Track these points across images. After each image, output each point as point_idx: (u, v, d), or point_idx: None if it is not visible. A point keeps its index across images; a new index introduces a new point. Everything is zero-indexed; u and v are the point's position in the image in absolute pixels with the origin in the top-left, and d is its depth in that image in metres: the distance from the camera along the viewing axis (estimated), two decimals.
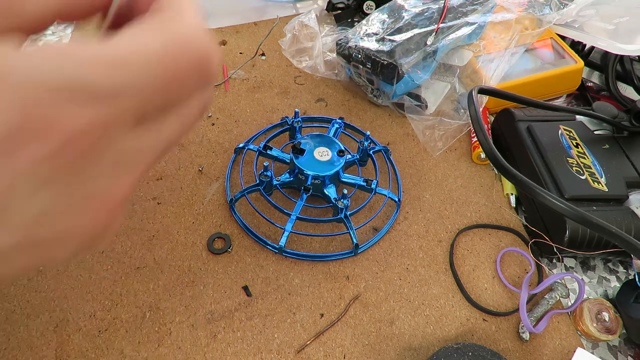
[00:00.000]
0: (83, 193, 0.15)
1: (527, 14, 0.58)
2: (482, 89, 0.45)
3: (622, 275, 0.47)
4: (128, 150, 0.15)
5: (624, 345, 0.42)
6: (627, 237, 0.32)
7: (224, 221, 0.46)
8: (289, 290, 0.42)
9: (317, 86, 0.61)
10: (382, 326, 0.40)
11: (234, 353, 0.38)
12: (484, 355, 0.37)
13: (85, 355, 0.36)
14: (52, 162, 0.13)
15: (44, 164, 0.13)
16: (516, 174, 0.36)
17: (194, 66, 0.16)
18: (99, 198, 0.15)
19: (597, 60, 0.63)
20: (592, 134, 0.51)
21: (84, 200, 0.15)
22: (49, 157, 0.13)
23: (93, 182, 0.15)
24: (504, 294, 0.44)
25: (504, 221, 0.49)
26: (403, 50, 0.53)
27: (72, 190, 0.14)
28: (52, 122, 0.13)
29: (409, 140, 0.56)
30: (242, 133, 0.54)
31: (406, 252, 0.46)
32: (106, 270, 0.41)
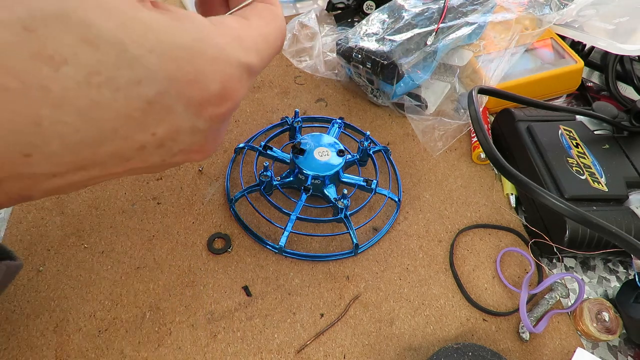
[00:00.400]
0: (212, 137, 0.21)
1: (527, 14, 0.58)
2: (482, 89, 0.45)
3: (622, 275, 0.47)
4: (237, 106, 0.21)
5: (624, 345, 0.42)
6: (627, 237, 0.32)
7: (224, 221, 0.46)
8: (289, 290, 0.42)
9: (317, 86, 0.61)
10: (382, 326, 0.40)
11: (234, 353, 0.38)
12: (484, 355, 0.37)
13: (85, 355, 0.36)
14: (216, 119, 0.20)
15: (211, 120, 0.20)
16: (516, 174, 0.36)
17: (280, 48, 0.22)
18: (217, 139, 0.22)
19: (597, 60, 0.63)
20: (592, 134, 0.51)
21: (210, 141, 0.21)
22: (217, 116, 0.20)
23: (219, 131, 0.21)
24: (504, 294, 0.44)
25: (504, 221, 0.49)
26: (403, 50, 0.53)
27: (209, 136, 0.21)
28: (233, 93, 0.19)
29: (409, 140, 0.56)
30: (242, 133, 0.54)
31: (406, 252, 0.46)
32: (106, 270, 0.41)
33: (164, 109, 0.18)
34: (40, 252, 0.41)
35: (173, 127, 0.19)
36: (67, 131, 0.16)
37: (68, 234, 0.43)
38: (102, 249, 0.42)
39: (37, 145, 0.16)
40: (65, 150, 0.17)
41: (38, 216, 0.44)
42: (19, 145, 0.16)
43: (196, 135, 0.20)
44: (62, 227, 0.43)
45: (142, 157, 0.19)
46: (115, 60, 0.16)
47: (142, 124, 0.18)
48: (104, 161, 0.19)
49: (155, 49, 0.17)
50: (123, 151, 0.19)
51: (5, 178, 0.17)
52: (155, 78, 0.17)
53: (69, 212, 0.45)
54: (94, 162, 0.19)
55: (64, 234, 0.43)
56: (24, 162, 0.17)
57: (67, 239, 0.43)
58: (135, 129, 0.18)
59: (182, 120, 0.19)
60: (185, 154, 0.21)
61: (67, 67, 0.15)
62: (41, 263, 0.41)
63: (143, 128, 0.18)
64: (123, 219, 0.45)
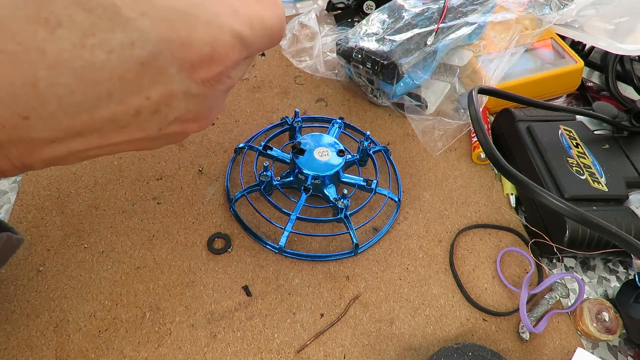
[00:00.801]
0: (207, 105, 0.22)
1: (527, 14, 0.58)
2: (482, 89, 0.45)
3: (622, 275, 0.47)
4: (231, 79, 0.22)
5: (624, 345, 0.42)
6: (627, 237, 0.32)
7: (224, 221, 0.46)
8: (289, 290, 0.42)
9: (317, 86, 0.61)
10: (382, 326, 0.40)
11: (234, 353, 0.38)
12: (484, 355, 0.37)
13: (85, 355, 0.36)
14: (207, 83, 0.20)
15: (203, 84, 0.20)
16: (516, 174, 0.36)
17: (278, 36, 0.23)
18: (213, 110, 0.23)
19: (597, 60, 0.64)
20: (592, 134, 0.51)
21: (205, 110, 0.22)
22: (208, 79, 0.20)
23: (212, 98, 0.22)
24: (504, 294, 0.44)
25: (504, 221, 0.49)
26: (403, 50, 0.53)
27: (203, 103, 0.21)
28: (223, 57, 0.20)
29: (409, 140, 0.56)
30: (242, 133, 0.54)
31: (406, 252, 0.46)
32: (106, 270, 0.41)
33: (157, 71, 0.18)
34: (40, 252, 0.41)
35: (166, 89, 0.19)
36: (63, 92, 0.17)
37: (68, 234, 0.43)
38: (102, 249, 0.42)
39: (34, 107, 0.17)
40: (62, 113, 0.18)
41: (38, 216, 0.44)
42: (17, 107, 0.17)
43: (190, 102, 0.21)
44: (62, 227, 0.43)
45: (138, 124, 0.20)
46: (109, 22, 0.16)
47: (136, 86, 0.18)
48: (100, 127, 0.19)
49: (149, 12, 0.17)
50: (119, 116, 0.19)
51: (6, 142, 0.18)
52: (148, 40, 0.17)
53: (69, 212, 0.45)
54: (91, 127, 0.19)
55: (64, 234, 0.43)
56: (23, 124, 0.17)
57: (67, 239, 0.43)
58: (129, 91, 0.18)
59: (175, 81, 0.19)
60: (181, 123, 0.22)
61: (62, 30, 0.16)
62: (41, 263, 0.41)
63: (137, 90, 0.18)
64: (123, 219, 0.45)
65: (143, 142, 0.22)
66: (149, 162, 0.50)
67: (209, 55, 0.19)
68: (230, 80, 0.22)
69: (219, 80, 0.21)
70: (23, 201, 0.45)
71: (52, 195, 0.46)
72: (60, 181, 0.47)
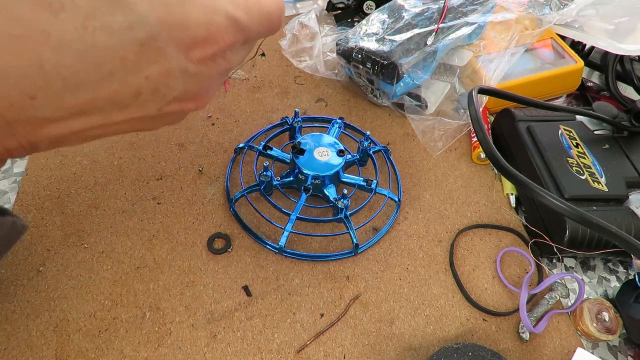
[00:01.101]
0: (203, 86, 0.23)
1: (527, 14, 0.58)
2: (482, 89, 0.45)
3: (622, 275, 0.47)
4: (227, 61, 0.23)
5: (624, 345, 0.42)
6: (627, 237, 0.32)
7: (224, 221, 0.46)
8: (289, 290, 0.42)
9: (317, 86, 0.61)
10: (382, 326, 0.40)
11: (234, 353, 0.38)
12: (484, 355, 0.37)
13: (85, 355, 0.36)
14: (203, 63, 0.21)
15: (199, 63, 0.21)
16: (516, 174, 0.36)
17: (276, 23, 0.24)
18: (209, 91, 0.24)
19: (597, 60, 0.64)
20: (592, 134, 0.51)
21: (202, 90, 0.23)
22: (204, 59, 0.21)
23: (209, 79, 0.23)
24: (504, 294, 0.44)
25: (504, 221, 0.49)
26: (403, 50, 0.53)
27: (200, 83, 0.22)
28: (218, 39, 0.21)
29: (409, 140, 0.56)
30: (242, 133, 0.54)
31: (406, 252, 0.46)
32: (106, 270, 0.41)
33: (155, 51, 0.19)
34: (40, 252, 0.41)
35: (164, 68, 0.20)
36: (67, 73, 0.18)
37: (68, 234, 0.43)
38: (102, 249, 0.42)
39: (41, 87, 0.18)
40: (67, 92, 0.19)
41: (38, 216, 0.44)
42: (25, 87, 0.18)
43: (187, 81, 0.22)
44: (62, 227, 0.43)
45: (139, 103, 0.21)
46: (109, 6, 0.18)
47: (136, 66, 0.19)
48: (103, 106, 0.20)
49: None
50: (120, 96, 0.20)
51: (14, 120, 0.19)
52: (146, 22, 0.19)
53: (69, 212, 0.45)
54: (94, 106, 0.20)
55: (64, 234, 0.43)
56: (31, 104, 0.18)
57: (67, 239, 0.43)
58: (129, 71, 0.19)
59: (173, 61, 0.20)
60: (179, 102, 0.23)
61: (65, 14, 0.17)
62: (41, 263, 0.41)
63: (137, 70, 0.20)
64: (123, 219, 0.45)
65: (143, 121, 0.23)
66: (149, 162, 0.50)
67: (203, 36, 0.20)
68: (226, 62, 0.23)
69: (214, 61, 0.22)
70: (23, 201, 0.45)
71: (52, 195, 0.46)
72: (60, 181, 0.47)
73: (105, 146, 0.51)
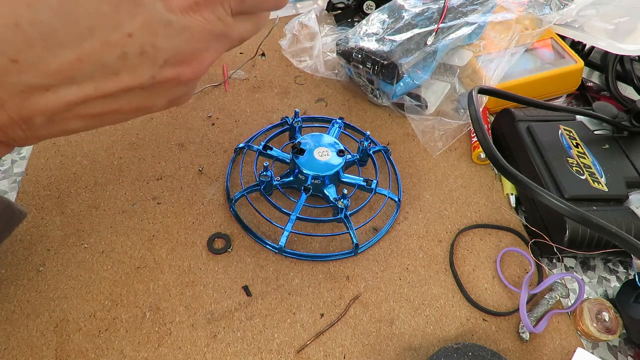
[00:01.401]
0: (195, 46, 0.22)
1: (527, 14, 0.58)
2: (482, 89, 0.45)
3: (622, 275, 0.47)
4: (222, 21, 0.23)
5: (624, 345, 0.42)
6: (627, 237, 0.32)
7: (224, 221, 0.46)
8: (289, 290, 0.42)
9: (317, 86, 0.61)
10: (382, 326, 0.40)
11: (234, 353, 0.38)
12: (484, 355, 0.37)
13: (85, 355, 0.36)
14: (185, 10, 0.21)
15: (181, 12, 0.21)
16: (516, 174, 0.36)
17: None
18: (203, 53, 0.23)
19: (597, 60, 0.63)
20: (592, 134, 0.51)
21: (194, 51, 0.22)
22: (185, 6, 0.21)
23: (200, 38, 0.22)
24: (504, 294, 0.44)
25: (504, 221, 0.49)
26: (403, 50, 0.53)
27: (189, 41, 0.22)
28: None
29: (409, 140, 0.56)
30: (242, 133, 0.54)
31: (406, 252, 0.46)
32: (106, 270, 0.41)
33: (132, 1, 0.19)
34: (40, 252, 0.41)
35: (145, 21, 0.19)
36: (46, 30, 0.18)
37: (68, 234, 0.43)
38: (102, 249, 0.42)
39: (20, 48, 0.18)
40: (48, 53, 0.18)
41: (38, 216, 0.44)
42: (4, 49, 0.17)
43: (175, 38, 0.21)
44: (62, 227, 0.43)
45: (128, 68, 0.20)
46: None
47: (115, 20, 0.19)
48: (91, 72, 0.20)
49: None
50: (105, 57, 0.19)
51: (1, 89, 0.18)
52: None
53: (69, 212, 0.45)
54: (81, 72, 0.19)
55: (64, 234, 0.43)
56: (13, 68, 0.18)
57: (67, 239, 0.43)
58: (109, 26, 0.19)
59: (152, 10, 0.19)
60: (173, 67, 0.22)
61: None
62: (41, 263, 0.41)
63: (117, 25, 0.19)
64: (123, 219, 0.45)
65: (142, 94, 0.22)
66: (149, 162, 0.50)
67: None
68: (219, 21, 0.22)
69: (199, 12, 0.21)
70: (23, 201, 0.45)
71: (52, 195, 0.46)
72: (60, 181, 0.47)
73: (105, 146, 0.51)
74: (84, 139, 0.51)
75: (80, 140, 0.51)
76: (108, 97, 0.21)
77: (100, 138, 0.51)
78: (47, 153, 0.49)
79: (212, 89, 0.59)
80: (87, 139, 0.51)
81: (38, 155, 0.49)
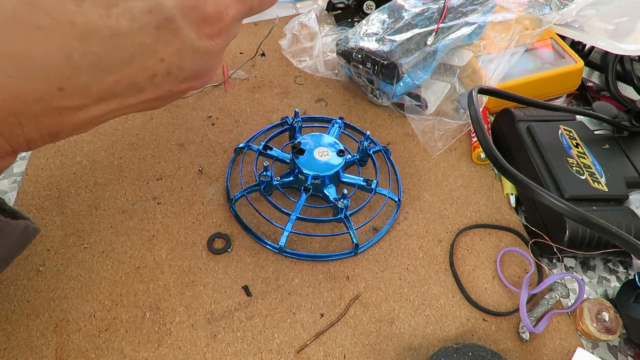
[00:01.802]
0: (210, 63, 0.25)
1: (527, 14, 0.58)
2: (482, 89, 0.45)
3: (622, 275, 0.47)
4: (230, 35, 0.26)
5: (624, 345, 0.42)
6: (627, 237, 0.32)
7: (224, 221, 0.46)
8: (289, 290, 0.42)
9: (317, 86, 0.61)
10: (382, 326, 0.40)
11: (234, 353, 0.38)
12: (484, 355, 0.37)
13: (85, 355, 0.36)
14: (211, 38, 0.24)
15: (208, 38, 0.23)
16: (516, 174, 0.36)
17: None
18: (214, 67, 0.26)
19: (597, 60, 0.63)
20: (592, 134, 0.51)
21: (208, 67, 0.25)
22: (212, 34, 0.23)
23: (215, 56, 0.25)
24: (504, 294, 0.44)
25: (504, 221, 0.49)
26: (403, 50, 0.53)
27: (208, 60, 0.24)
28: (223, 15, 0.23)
29: (409, 140, 0.56)
30: (242, 133, 0.54)
31: (406, 252, 0.46)
32: (106, 270, 0.41)
33: (171, 33, 0.21)
34: (40, 252, 0.41)
35: (177, 49, 0.22)
36: (94, 60, 0.19)
37: (68, 234, 0.43)
38: (102, 249, 0.42)
39: (69, 77, 0.19)
40: (92, 80, 0.20)
41: (38, 216, 0.44)
42: (54, 79, 0.19)
43: (197, 60, 0.23)
44: (62, 227, 0.43)
45: (153, 86, 0.22)
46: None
47: (153, 49, 0.21)
48: (122, 92, 0.21)
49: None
50: (138, 80, 0.21)
51: (41, 113, 0.20)
52: (163, 6, 0.20)
53: (69, 212, 0.45)
54: (114, 92, 0.21)
55: (64, 234, 0.43)
56: (59, 95, 0.19)
57: (67, 239, 0.43)
58: (147, 54, 0.21)
59: (186, 40, 0.22)
60: (189, 82, 0.24)
61: (89, 2, 0.18)
62: (41, 263, 0.41)
63: (154, 53, 0.21)
64: (123, 219, 0.45)
65: (153, 102, 0.24)
66: (149, 162, 0.50)
67: (213, 12, 0.23)
68: (229, 37, 0.25)
69: (220, 36, 0.24)
70: (23, 201, 0.45)
71: (52, 195, 0.46)
72: (60, 181, 0.47)
73: (105, 146, 0.51)
74: (84, 139, 0.51)
75: (80, 140, 0.51)
76: (126, 108, 0.23)
77: (100, 138, 0.51)
78: (47, 153, 0.49)
79: (212, 89, 0.59)
80: (87, 139, 0.51)
81: (38, 155, 0.49)
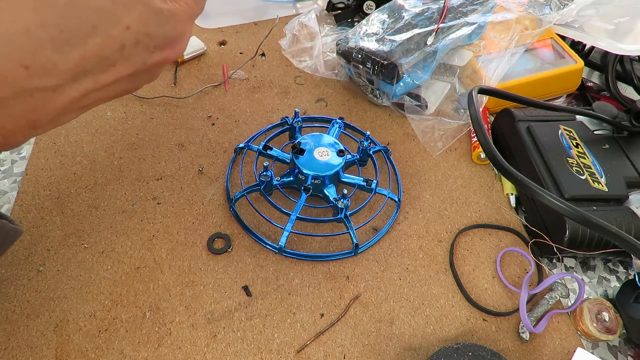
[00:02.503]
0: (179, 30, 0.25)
1: (527, 14, 0.58)
2: (482, 89, 0.45)
3: (622, 275, 0.47)
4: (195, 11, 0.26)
5: (624, 345, 0.42)
6: (627, 237, 0.32)
7: (224, 221, 0.46)
8: (289, 290, 0.42)
9: (317, 86, 0.61)
10: (382, 326, 0.40)
11: (234, 353, 0.38)
12: (484, 355, 0.37)
13: (85, 355, 0.36)
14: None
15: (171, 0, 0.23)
16: (516, 174, 0.36)
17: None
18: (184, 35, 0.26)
19: (597, 60, 0.63)
20: (592, 134, 0.51)
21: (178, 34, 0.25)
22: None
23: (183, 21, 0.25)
24: (504, 294, 0.44)
25: (504, 221, 0.49)
26: (403, 50, 0.53)
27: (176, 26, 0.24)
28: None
29: (409, 140, 0.56)
30: (242, 133, 0.54)
31: (406, 252, 0.46)
32: (106, 270, 0.41)
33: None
34: (40, 252, 0.41)
35: (141, 14, 0.21)
36: (54, 33, 0.19)
37: (68, 234, 0.43)
38: (102, 249, 0.42)
39: (32, 52, 0.18)
40: (58, 54, 0.19)
41: (38, 216, 0.44)
42: (16, 55, 0.18)
43: (164, 25, 0.23)
44: (62, 227, 0.43)
45: (124, 58, 0.22)
46: None
47: (115, 16, 0.20)
48: (92, 67, 0.21)
49: None
50: (106, 51, 0.21)
51: (10, 97, 0.19)
52: None
53: (69, 212, 0.45)
54: (85, 69, 0.20)
55: (64, 234, 0.43)
56: (25, 74, 0.19)
57: (67, 239, 0.43)
58: (110, 21, 0.20)
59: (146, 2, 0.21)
60: (161, 51, 0.24)
61: None
62: (41, 263, 0.41)
63: (117, 20, 0.20)
64: (123, 219, 0.45)
65: (130, 79, 0.24)
66: (149, 162, 0.50)
67: None
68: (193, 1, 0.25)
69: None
70: (23, 201, 0.45)
71: (52, 195, 0.46)
72: (60, 181, 0.47)
73: (105, 146, 0.51)
74: (84, 139, 0.51)
75: (80, 140, 0.51)
76: (104, 88, 0.22)
77: (100, 138, 0.51)
78: (47, 153, 0.49)
79: (212, 89, 0.59)
80: (87, 139, 0.51)
81: (38, 155, 0.49)
